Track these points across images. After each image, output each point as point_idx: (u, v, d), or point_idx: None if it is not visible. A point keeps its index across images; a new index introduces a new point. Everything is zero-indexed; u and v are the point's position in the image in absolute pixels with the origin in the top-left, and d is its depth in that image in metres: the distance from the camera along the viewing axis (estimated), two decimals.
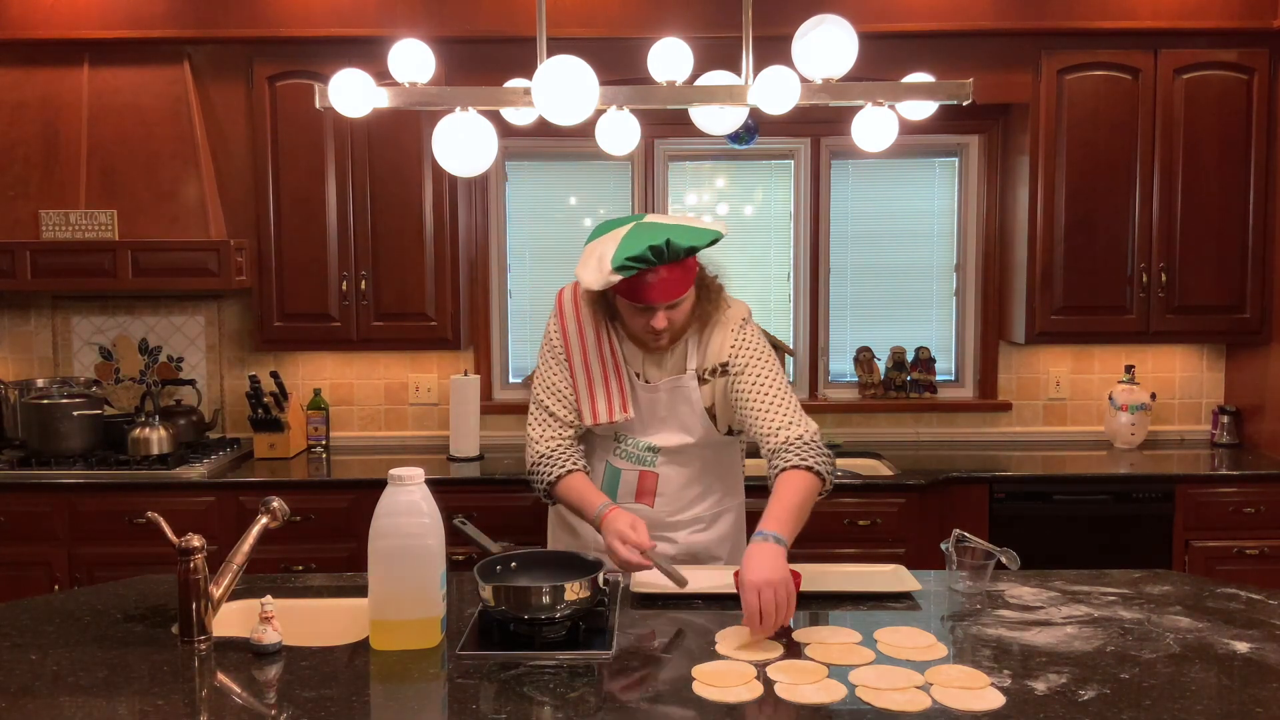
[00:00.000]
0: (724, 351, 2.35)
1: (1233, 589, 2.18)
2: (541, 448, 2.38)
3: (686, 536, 2.46)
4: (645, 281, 2.18)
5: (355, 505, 3.51)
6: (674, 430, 2.40)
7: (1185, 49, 3.75)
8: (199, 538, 1.90)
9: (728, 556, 2.52)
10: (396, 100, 2.13)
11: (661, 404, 2.38)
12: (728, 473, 2.53)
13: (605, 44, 3.53)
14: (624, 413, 2.35)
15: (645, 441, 2.40)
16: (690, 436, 2.40)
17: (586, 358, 2.37)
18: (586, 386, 2.37)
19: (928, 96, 2.17)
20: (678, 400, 2.38)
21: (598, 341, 2.37)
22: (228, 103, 3.85)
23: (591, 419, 2.36)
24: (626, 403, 2.35)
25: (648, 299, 2.20)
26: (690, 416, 2.39)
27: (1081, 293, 3.84)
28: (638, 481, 2.42)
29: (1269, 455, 3.85)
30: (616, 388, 2.35)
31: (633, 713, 1.63)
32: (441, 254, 3.80)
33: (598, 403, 2.36)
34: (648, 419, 2.39)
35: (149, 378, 4.09)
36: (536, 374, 2.45)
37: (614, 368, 2.36)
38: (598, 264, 2.20)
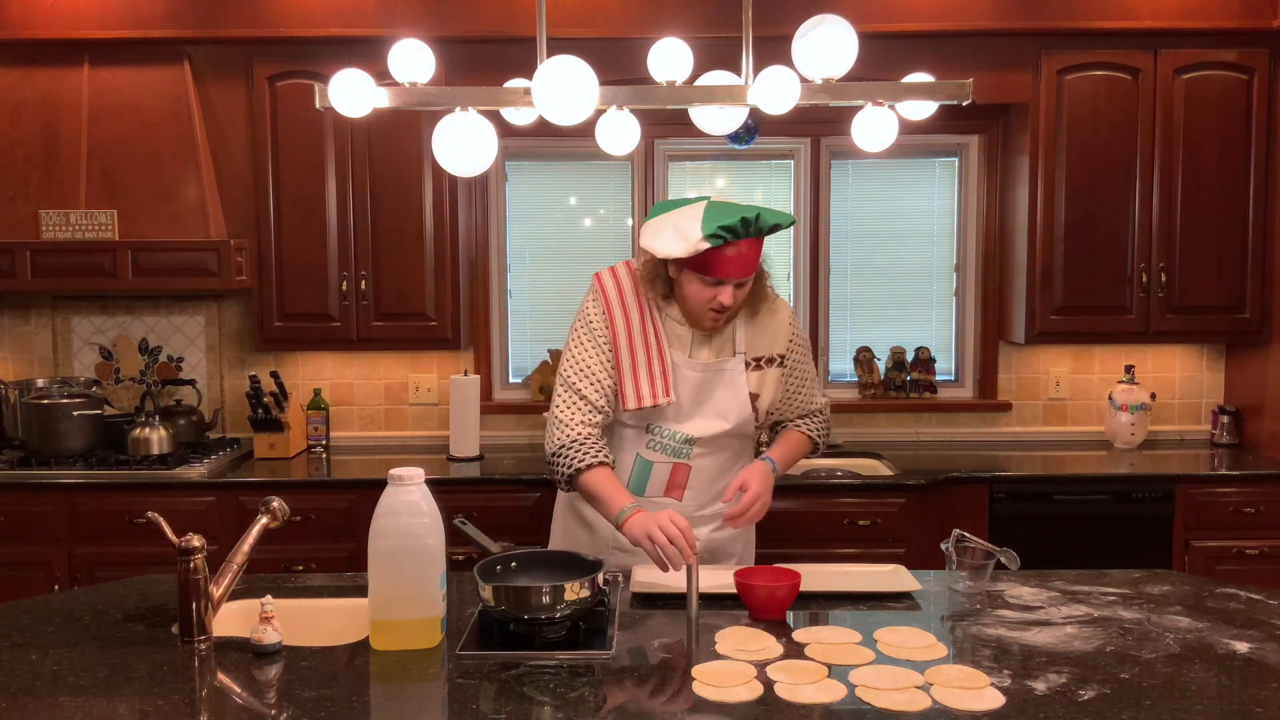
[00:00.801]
0: (780, 343, 2.44)
1: (1233, 589, 2.19)
2: (571, 433, 2.30)
3: (708, 534, 2.47)
4: (724, 255, 2.22)
5: (355, 505, 3.51)
6: (710, 417, 2.39)
7: (1185, 49, 3.75)
8: (199, 538, 1.90)
9: (741, 552, 2.55)
10: (396, 100, 2.13)
11: (702, 388, 2.38)
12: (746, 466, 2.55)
13: (605, 44, 3.52)
14: (666, 396, 2.32)
15: (682, 433, 2.38)
16: (726, 423, 2.39)
17: (631, 340, 2.35)
18: (631, 369, 2.33)
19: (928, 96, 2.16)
20: (719, 384, 2.39)
21: (641, 324, 2.36)
22: (228, 103, 3.85)
23: (635, 402, 2.32)
24: (669, 386, 2.33)
25: (724, 273, 2.23)
26: (730, 402, 2.39)
27: (1081, 293, 3.84)
28: (669, 475, 2.41)
29: (1269, 455, 3.85)
30: (660, 370, 2.34)
31: (633, 713, 1.63)
32: (441, 254, 3.80)
33: (641, 385, 2.32)
34: (686, 405, 2.38)
35: (149, 378, 4.09)
36: (567, 357, 2.39)
37: (657, 351, 2.35)
38: (676, 233, 2.23)
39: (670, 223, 2.28)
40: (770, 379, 2.44)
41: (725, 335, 2.41)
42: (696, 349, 2.39)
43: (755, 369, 2.42)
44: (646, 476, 2.41)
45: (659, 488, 2.42)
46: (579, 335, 2.39)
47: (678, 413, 2.38)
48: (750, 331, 2.42)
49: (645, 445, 2.41)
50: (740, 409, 2.40)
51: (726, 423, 2.40)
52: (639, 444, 2.41)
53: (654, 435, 2.40)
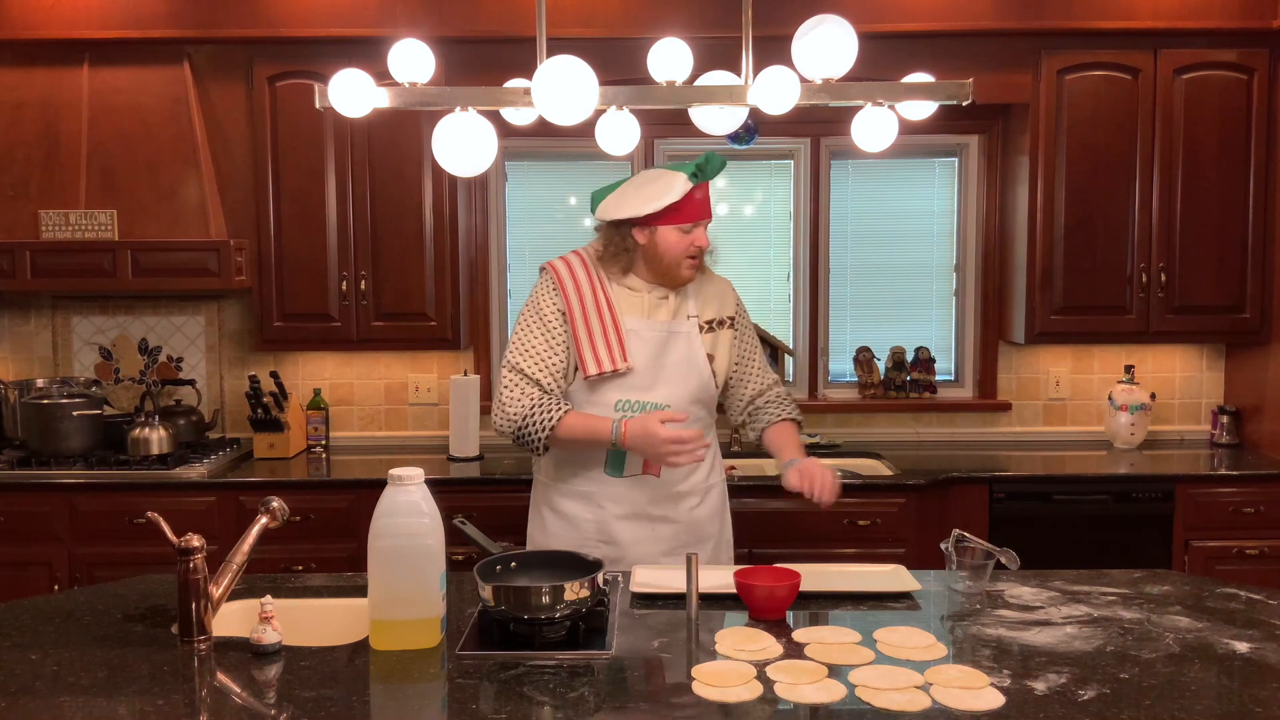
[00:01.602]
0: (728, 306, 2.59)
1: (1233, 589, 2.19)
2: (525, 403, 2.39)
3: (687, 513, 2.50)
4: (694, 199, 2.42)
5: (355, 505, 3.51)
6: (672, 383, 2.46)
7: (1185, 49, 3.75)
8: (199, 538, 1.90)
9: (718, 533, 2.58)
10: (396, 100, 2.13)
11: (660, 352, 2.46)
12: (713, 446, 2.62)
13: (605, 44, 3.52)
14: (624, 361, 2.41)
15: (650, 402, 2.44)
16: (690, 385, 2.47)
17: (585, 311, 2.45)
18: (588, 337, 2.43)
19: (928, 96, 2.17)
20: (676, 346, 2.48)
21: (594, 296, 2.46)
22: (228, 103, 3.85)
23: (595, 367, 2.41)
24: (625, 352, 2.42)
25: (698, 214, 2.43)
26: (688, 365, 2.48)
27: (1081, 293, 3.84)
28: None
29: (1269, 455, 3.85)
30: (615, 338, 2.43)
31: (633, 713, 1.63)
32: (441, 254, 3.80)
33: (599, 351, 2.42)
34: (647, 372, 2.45)
35: (149, 378, 4.09)
36: (510, 344, 2.49)
37: (611, 320, 2.45)
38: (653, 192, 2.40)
39: (631, 192, 2.46)
40: (723, 341, 2.55)
41: (678, 301, 2.51)
42: (653, 313, 2.49)
43: (708, 331, 2.53)
44: (623, 456, 2.44)
45: (636, 464, 2.45)
46: (524, 320, 2.52)
47: (641, 382, 2.45)
48: (700, 296, 2.55)
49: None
50: (700, 372, 2.49)
51: (689, 385, 2.48)
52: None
53: (624, 411, 2.44)
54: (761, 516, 3.46)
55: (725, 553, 2.62)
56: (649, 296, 2.50)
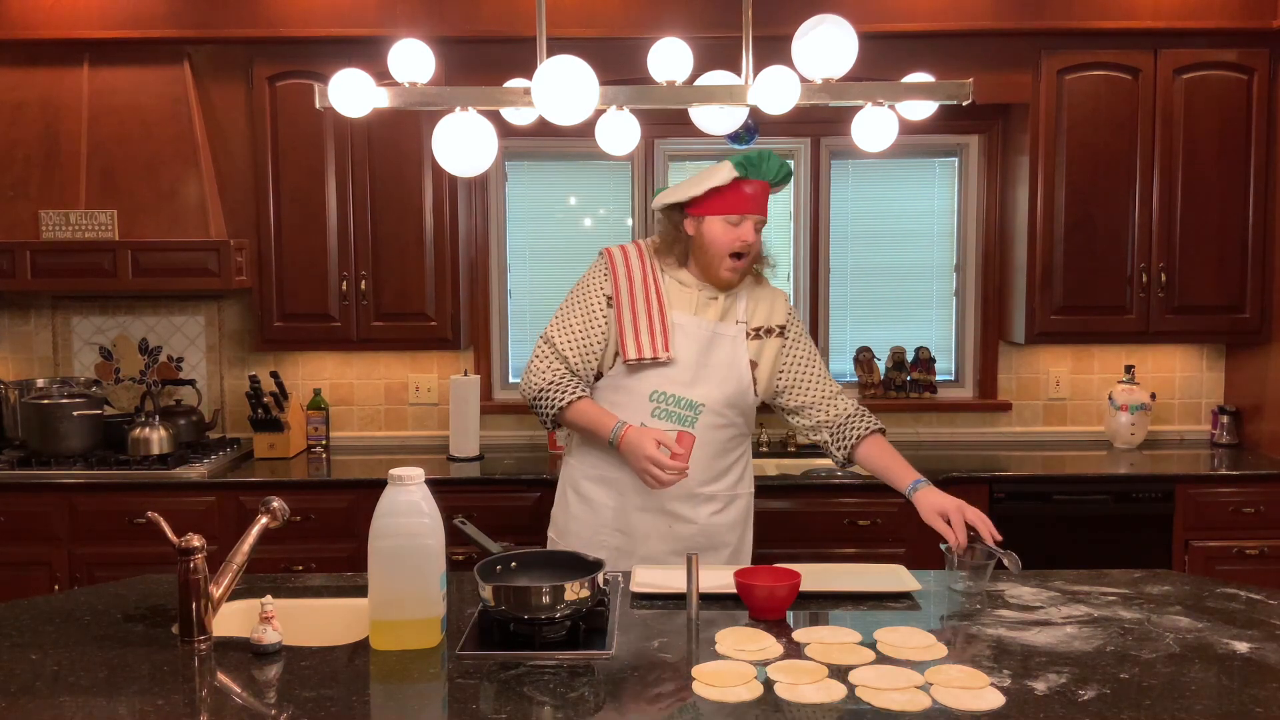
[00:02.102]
0: (778, 315, 2.57)
1: (1233, 589, 2.19)
2: (548, 376, 2.46)
3: (707, 516, 2.50)
4: (744, 192, 2.43)
5: (355, 505, 3.51)
6: (712, 382, 2.46)
7: (1185, 49, 3.75)
8: (199, 538, 1.90)
9: (736, 543, 2.57)
10: (396, 100, 2.13)
11: (703, 350, 2.46)
12: (746, 456, 2.60)
13: (605, 44, 3.52)
14: (665, 351, 2.42)
15: (686, 398, 2.44)
16: (728, 388, 2.47)
17: (634, 297, 2.47)
18: (632, 322, 2.45)
19: (928, 96, 2.16)
20: (720, 347, 2.47)
21: (644, 283, 2.48)
22: (228, 103, 3.85)
23: (635, 353, 2.42)
24: (669, 342, 2.43)
25: (746, 208, 2.43)
26: (730, 367, 2.47)
27: (1081, 293, 3.84)
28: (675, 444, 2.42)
29: (1269, 455, 3.85)
30: (660, 326, 2.44)
31: (632, 713, 1.63)
32: (441, 254, 3.80)
33: (641, 337, 2.43)
34: (689, 368, 2.45)
35: (149, 378, 4.09)
36: (553, 319, 2.52)
37: (659, 309, 2.46)
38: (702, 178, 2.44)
39: (686, 181, 2.49)
40: (769, 349, 2.54)
41: (729, 303, 2.51)
42: (701, 310, 2.49)
43: (755, 338, 2.53)
44: None
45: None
46: (570, 298, 2.55)
47: (680, 377, 2.44)
48: (751, 302, 2.55)
49: (650, 414, 2.45)
50: (740, 375, 2.48)
51: (728, 387, 2.47)
52: (644, 412, 2.45)
53: (659, 403, 2.45)
54: (761, 516, 3.44)
55: (742, 562, 2.60)
56: (700, 294, 2.50)
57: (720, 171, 2.43)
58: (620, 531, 2.49)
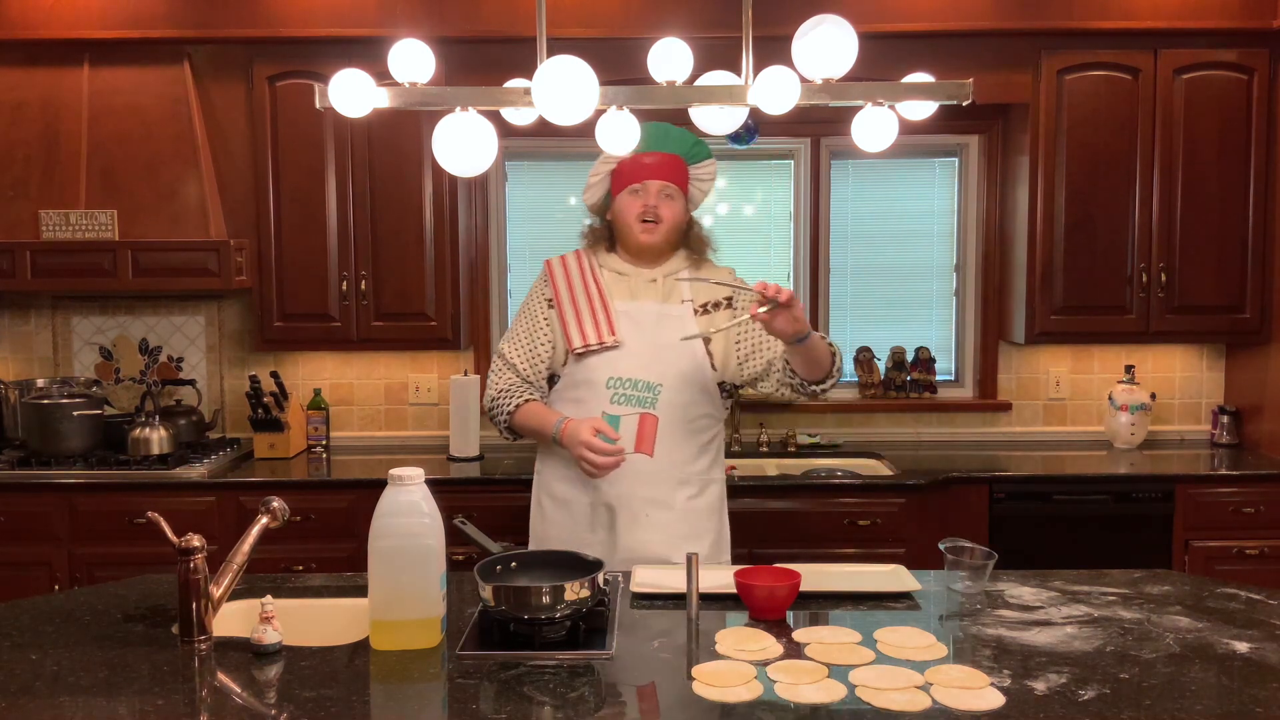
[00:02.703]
0: (725, 289, 2.57)
1: (1233, 589, 2.19)
2: (499, 385, 2.54)
3: (684, 501, 2.50)
4: (643, 162, 2.52)
5: (355, 505, 3.51)
6: (667, 362, 2.47)
7: (1185, 49, 3.75)
8: (199, 538, 1.90)
9: (716, 532, 2.57)
10: (396, 100, 2.12)
11: (652, 331, 2.48)
12: (717, 440, 2.60)
13: (605, 44, 3.52)
14: (611, 334, 2.46)
15: (642, 379, 2.45)
16: (683, 364, 2.48)
17: (573, 291, 2.54)
18: (574, 316, 2.50)
19: (928, 96, 2.16)
20: (667, 326, 2.49)
21: (582, 279, 2.55)
22: (228, 103, 3.85)
23: (580, 340, 2.47)
24: (613, 326, 2.47)
25: (645, 175, 2.51)
26: (682, 345, 2.48)
27: (1081, 293, 3.84)
28: (637, 427, 2.44)
29: (1269, 455, 3.85)
30: (603, 314, 2.49)
31: (633, 713, 1.63)
32: (441, 254, 3.80)
33: (585, 326, 2.48)
34: (639, 350, 2.47)
35: (149, 378, 4.09)
36: (506, 334, 2.61)
37: (599, 298, 2.52)
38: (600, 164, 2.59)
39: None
40: (720, 321, 2.54)
41: (668, 286, 2.54)
42: (641, 295, 2.53)
43: (703, 314, 2.54)
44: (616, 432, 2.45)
45: (629, 443, 2.44)
46: (518, 315, 2.63)
47: (632, 360, 2.46)
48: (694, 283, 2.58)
49: (609, 400, 2.45)
50: (693, 350, 2.49)
51: (682, 364, 2.48)
52: (603, 400, 2.46)
53: (616, 389, 2.46)
54: (761, 516, 3.46)
55: (723, 553, 2.61)
56: (636, 280, 2.54)
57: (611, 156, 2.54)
58: (600, 527, 2.48)
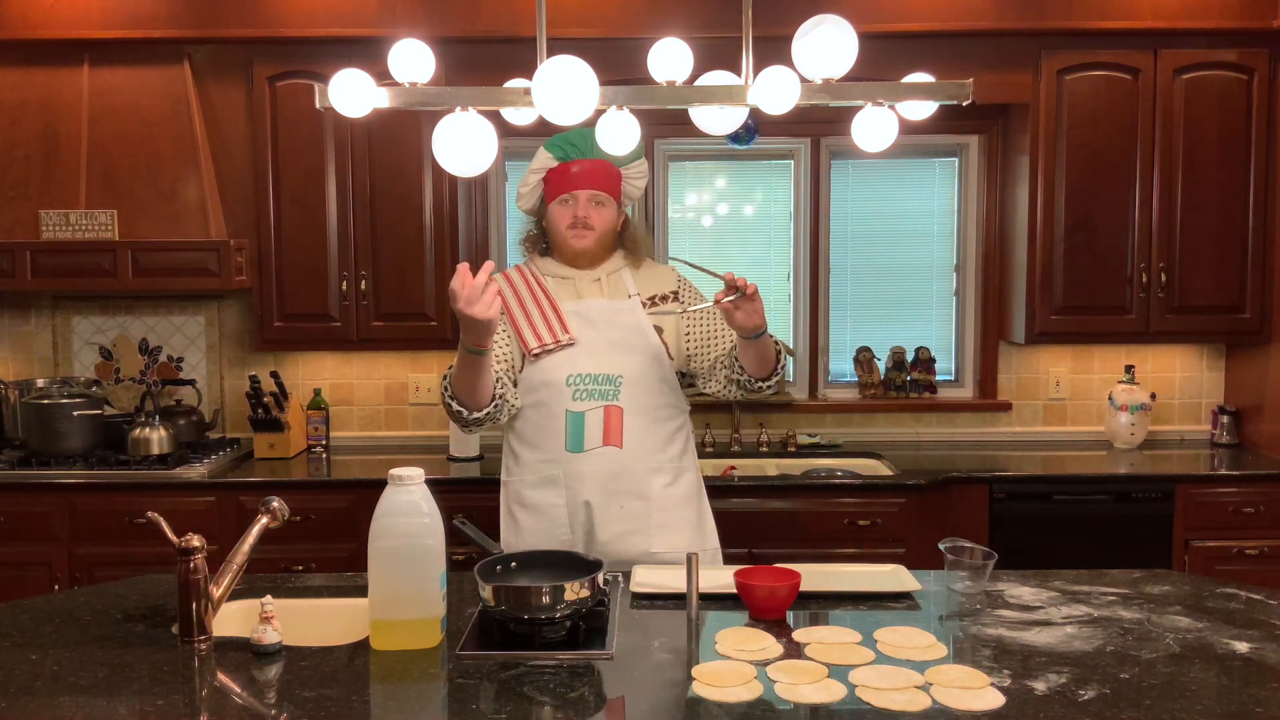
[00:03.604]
0: (667, 283, 2.60)
1: (1233, 589, 2.19)
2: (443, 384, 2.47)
3: (659, 490, 2.49)
4: (570, 171, 2.52)
5: (355, 505, 3.51)
6: (622, 351, 2.49)
7: (1185, 49, 3.75)
8: (199, 538, 1.90)
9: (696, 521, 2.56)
10: (396, 100, 2.12)
11: (604, 326, 2.50)
12: (686, 430, 2.60)
13: (605, 44, 3.52)
14: (565, 333, 2.47)
15: (602, 373, 2.46)
16: (639, 354, 2.49)
17: (522, 302, 2.54)
18: (526, 321, 2.51)
19: (928, 96, 2.16)
20: (618, 319, 2.51)
21: (527, 286, 2.58)
22: (228, 103, 3.85)
23: (536, 342, 2.47)
24: (565, 325, 2.48)
25: (574, 185, 2.52)
26: (635, 332, 2.51)
27: (1081, 293, 3.84)
28: (603, 421, 2.44)
29: (1269, 455, 3.85)
30: (554, 315, 2.50)
31: (633, 713, 1.63)
32: (441, 254, 3.80)
33: (538, 329, 2.49)
34: (595, 344, 2.48)
35: (149, 378, 4.09)
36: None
37: (547, 301, 2.53)
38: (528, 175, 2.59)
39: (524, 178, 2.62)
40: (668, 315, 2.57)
41: (612, 283, 2.56)
42: (586, 294, 2.54)
43: (651, 307, 2.56)
44: (581, 429, 2.44)
45: (596, 438, 2.44)
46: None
47: (590, 355, 2.47)
48: (638, 278, 2.60)
49: (571, 398, 2.45)
50: (647, 339, 2.51)
51: (638, 353, 2.49)
52: (565, 399, 2.45)
53: (576, 385, 2.45)
54: (761, 516, 3.46)
55: (709, 540, 2.60)
56: (580, 281, 2.56)
57: (538, 158, 2.55)
58: (577, 525, 2.47)
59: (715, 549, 2.63)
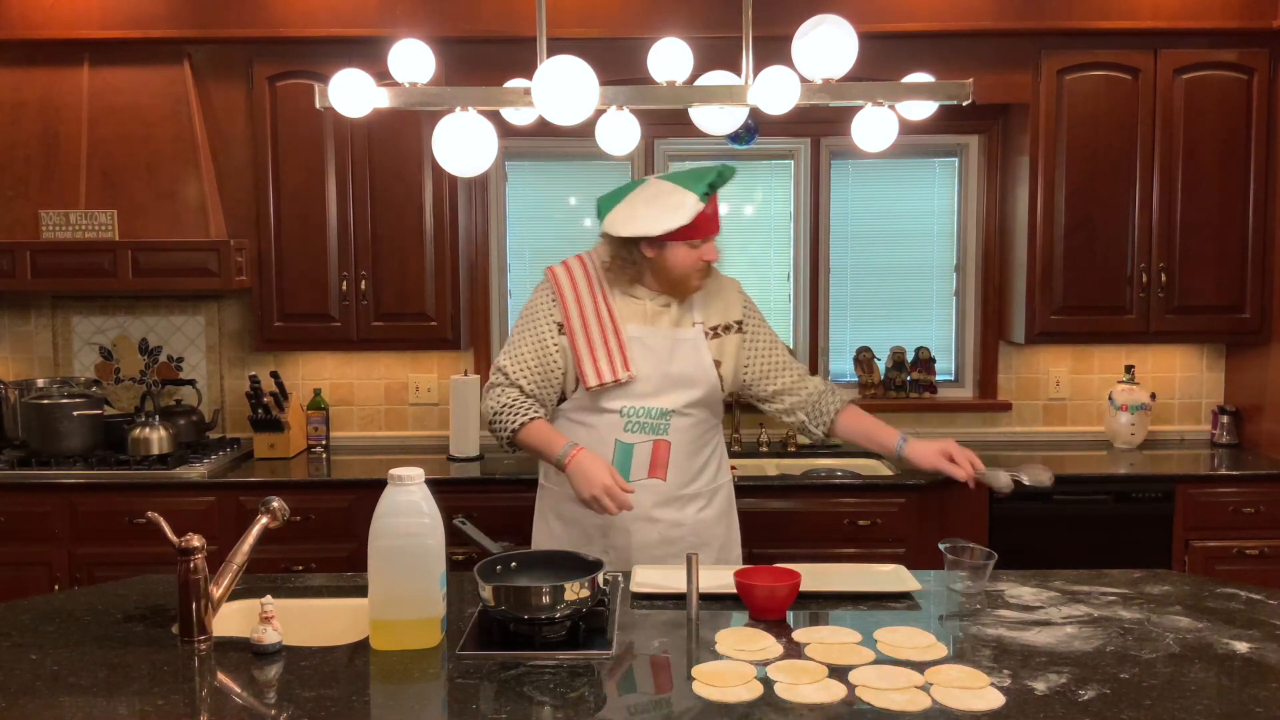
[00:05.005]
0: (733, 310, 2.55)
1: (1233, 589, 2.19)
2: (503, 400, 2.45)
3: (694, 515, 2.50)
4: (704, 214, 2.39)
5: (355, 505, 3.51)
6: (680, 388, 2.45)
7: (1185, 49, 3.75)
8: (199, 538, 1.90)
9: (725, 535, 2.57)
10: (396, 100, 2.13)
11: (665, 358, 2.45)
12: (719, 446, 2.60)
13: (605, 44, 3.52)
14: (625, 370, 2.41)
15: (656, 407, 2.43)
16: (696, 391, 2.46)
17: (585, 322, 2.45)
18: (588, 348, 2.43)
19: (928, 96, 2.17)
20: (682, 353, 2.46)
21: (594, 306, 2.46)
22: (228, 103, 3.85)
23: (596, 379, 2.41)
24: (627, 360, 2.42)
25: (708, 230, 2.41)
26: (696, 369, 2.46)
27: (1081, 293, 3.84)
28: (651, 454, 2.44)
29: (1269, 455, 3.85)
30: (616, 346, 2.43)
31: (633, 713, 1.63)
32: (441, 254, 3.80)
33: (600, 362, 2.41)
34: (653, 378, 2.44)
35: (149, 378, 4.09)
36: (507, 347, 2.50)
37: (612, 329, 2.44)
38: (662, 210, 2.36)
39: (640, 208, 2.41)
40: (730, 346, 2.53)
41: (681, 309, 2.50)
42: (655, 320, 2.48)
43: (714, 337, 2.52)
44: (629, 460, 2.44)
45: (642, 469, 2.44)
46: (520, 324, 2.52)
47: (646, 389, 2.44)
48: (705, 303, 2.53)
49: (623, 429, 2.44)
50: (706, 375, 2.47)
51: (696, 390, 2.46)
52: (616, 429, 2.44)
53: (629, 417, 2.44)
54: (761, 516, 3.46)
55: (733, 552, 2.61)
56: (651, 304, 2.48)
57: (686, 205, 2.36)
58: (609, 547, 2.48)
59: (738, 558, 2.64)
